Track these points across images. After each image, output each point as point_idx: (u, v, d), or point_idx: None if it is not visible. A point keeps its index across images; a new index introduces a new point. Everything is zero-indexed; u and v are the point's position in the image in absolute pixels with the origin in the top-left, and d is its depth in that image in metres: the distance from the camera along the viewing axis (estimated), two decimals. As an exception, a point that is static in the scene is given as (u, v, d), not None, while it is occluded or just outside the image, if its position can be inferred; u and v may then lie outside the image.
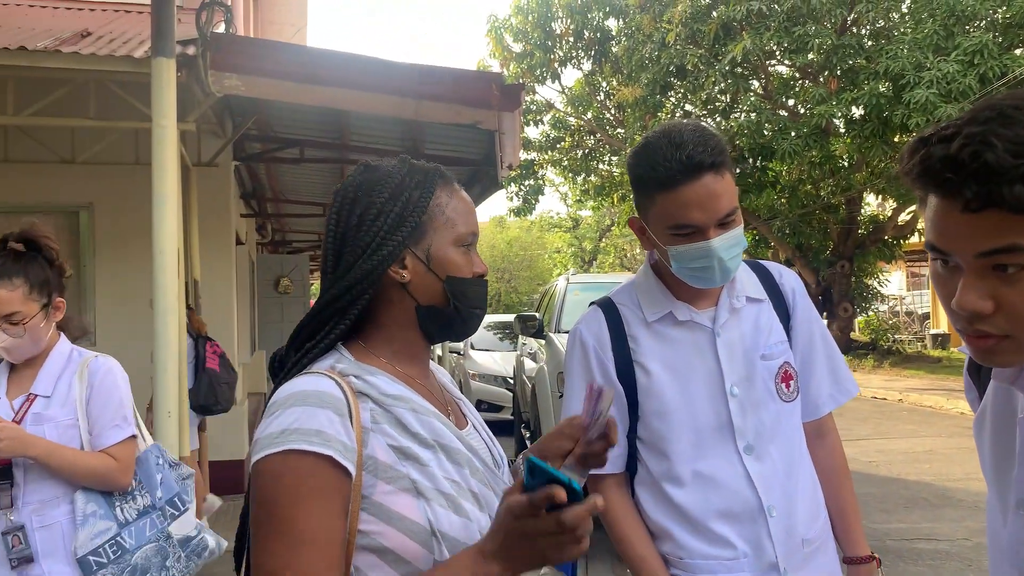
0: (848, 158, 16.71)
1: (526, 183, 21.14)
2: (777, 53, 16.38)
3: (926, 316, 24.53)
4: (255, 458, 0.99)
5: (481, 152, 6.85)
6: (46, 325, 2.08)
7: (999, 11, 13.72)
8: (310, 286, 11.97)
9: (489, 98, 4.84)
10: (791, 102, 17.60)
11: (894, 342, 20.39)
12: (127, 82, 4.69)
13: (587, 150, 21.39)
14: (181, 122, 4.26)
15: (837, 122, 15.54)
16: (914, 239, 18.79)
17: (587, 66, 19.93)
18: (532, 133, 20.85)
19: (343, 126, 6.68)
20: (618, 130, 19.99)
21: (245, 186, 9.00)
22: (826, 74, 15.48)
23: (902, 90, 12.99)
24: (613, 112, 20.30)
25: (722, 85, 16.10)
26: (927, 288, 25.66)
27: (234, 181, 7.35)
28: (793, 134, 15.10)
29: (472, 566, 0.96)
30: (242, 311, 7.91)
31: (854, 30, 15.86)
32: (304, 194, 9.90)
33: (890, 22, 15.98)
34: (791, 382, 1.63)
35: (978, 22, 13.92)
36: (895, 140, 14.53)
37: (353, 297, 1.11)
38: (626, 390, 1.62)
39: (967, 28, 13.54)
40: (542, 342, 7.48)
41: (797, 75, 17.57)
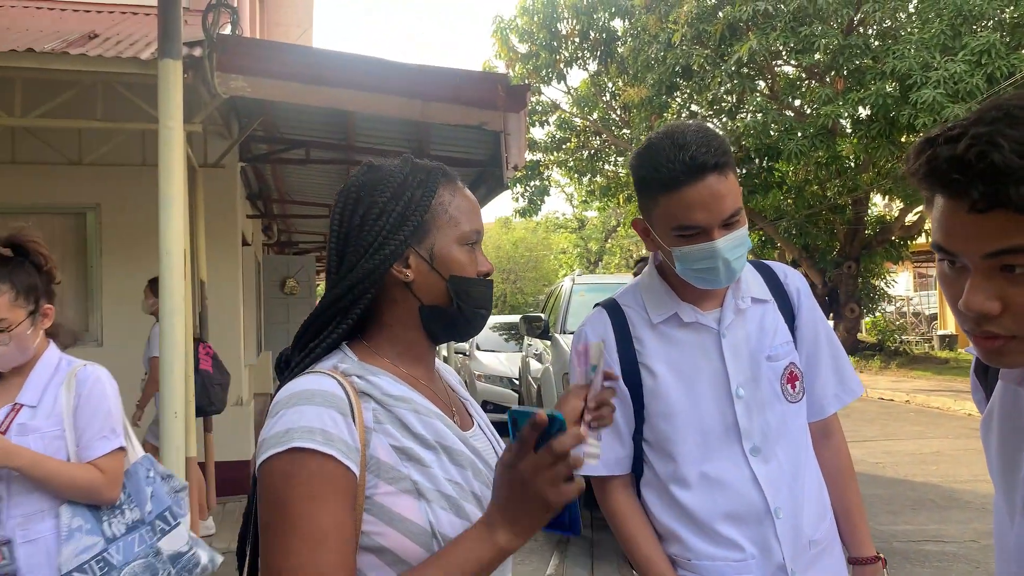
0: (855, 158, 16.66)
1: (532, 184, 21.18)
2: (783, 53, 16.34)
3: (933, 317, 24.42)
4: (261, 459, 0.99)
5: (487, 153, 6.85)
6: (33, 332, 2.01)
7: (1006, 11, 13.66)
8: (316, 287, 11.98)
9: (495, 99, 4.83)
10: (797, 102, 17.56)
11: (901, 343, 20.32)
12: (134, 84, 4.72)
13: (593, 151, 21.39)
14: (188, 123, 4.27)
15: (844, 122, 15.51)
16: (921, 240, 18.72)
17: (593, 67, 19.92)
18: (538, 134, 20.90)
19: (349, 127, 6.68)
20: (624, 131, 19.97)
21: (251, 187, 9.02)
22: (832, 74, 15.45)
23: (909, 90, 12.95)
24: (619, 113, 20.29)
25: (728, 85, 16.07)
26: (934, 289, 25.56)
27: (240, 182, 7.37)
28: (799, 134, 15.05)
29: (478, 539, 0.98)
30: (248, 312, 7.93)
31: (861, 30, 15.81)
32: (310, 195, 9.91)
33: (897, 22, 15.92)
34: (797, 383, 1.63)
35: (985, 22, 13.85)
36: (902, 140, 14.48)
37: (356, 296, 1.11)
38: (632, 392, 1.62)
39: (974, 28, 13.48)
40: (547, 343, 7.49)
41: (803, 75, 17.52)
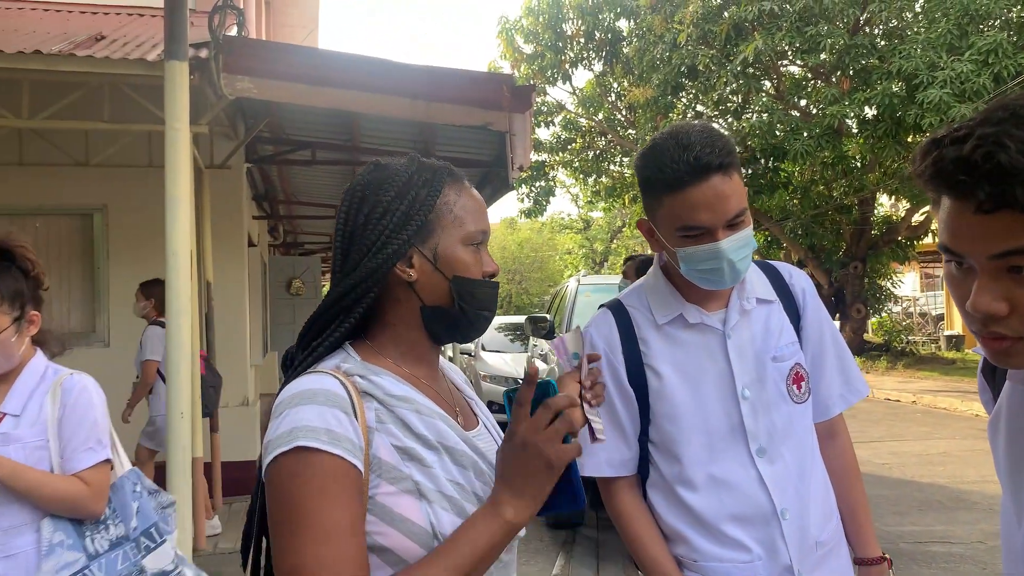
0: (861, 158, 16.61)
1: (537, 184, 21.15)
2: (789, 53, 16.31)
3: (940, 317, 24.33)
4: (268, 459, 0.99)
5: (492, 153, 6.86)
6: (18, 340, 1.94)
7: (1013, 10, 13.61)
8: (322, 288, 11.99)
9: (500, 100, 4.84)
10: (803, 102, 17.53)
11: (908, 343, 20.25)
12: (140, 85, 4.74)
13: (598, 151, 21.36)
14: (194, 125, 4.30)
15: (850, 122, 15.46)
16: (928, 240, 18.65)
17: (598, 67, 19.91)
18: (543, 134, 20.89)
19: (354, 128, 6.70)
20: (629, 131, 19.96)
21: (257, 188, 9.04)
22: (838, 74, 15.41)
23: (915, 90, 12.91)
24: (624, 113, 20.27)
25: (734, 86, 16.03)
26: (941, 289, 25.47)
27: (246, 183, 7.39)
28: (805, 134, 15.02)
29: (486, 518, 1.00)
30: (254, 313, 7.95)
31: (867, 30, 15.77)
32: (316, 196, 9.93)
33: (903, 22, 15.88)
34: (802, 383, 1.62)
35: (992, 21, 13.81)
36: (908, 140, 14.43)
37: (358, 295, 1.11)
38: (637, 393, 1.61)
39: (981, 27, 13.43)
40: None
41: (809, 75, 17.49)
